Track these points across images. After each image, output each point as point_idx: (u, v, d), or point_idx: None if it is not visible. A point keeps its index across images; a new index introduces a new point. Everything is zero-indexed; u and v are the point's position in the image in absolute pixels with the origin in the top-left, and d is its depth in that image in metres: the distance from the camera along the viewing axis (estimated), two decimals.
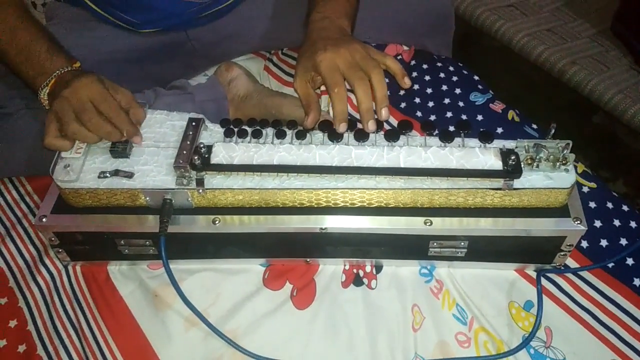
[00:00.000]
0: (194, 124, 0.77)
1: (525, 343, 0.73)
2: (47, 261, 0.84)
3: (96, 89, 0.75)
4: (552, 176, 0.72)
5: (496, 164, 0.70)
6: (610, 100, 1.23)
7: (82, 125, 0.73)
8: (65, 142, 0.75)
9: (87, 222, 0.76)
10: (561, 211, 0.74)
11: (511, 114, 0.98)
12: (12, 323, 0.79)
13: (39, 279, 0.83)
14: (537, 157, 0.71)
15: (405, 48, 1.10)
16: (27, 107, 0.88)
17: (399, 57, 1.09)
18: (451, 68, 1.07)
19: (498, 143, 0.73)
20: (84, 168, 0.74)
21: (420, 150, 0.72)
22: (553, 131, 0.72)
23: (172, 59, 1.04)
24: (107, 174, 0.74)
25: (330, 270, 0.81)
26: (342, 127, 0.73)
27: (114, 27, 0.99)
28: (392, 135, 0.73)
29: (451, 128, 0.75)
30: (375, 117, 0.74)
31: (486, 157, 0.70)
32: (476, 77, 1.06)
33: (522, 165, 0.70)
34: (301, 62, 0.77)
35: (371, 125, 0.73)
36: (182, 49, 1.04)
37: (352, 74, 0.73)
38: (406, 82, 0.77)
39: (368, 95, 0.72)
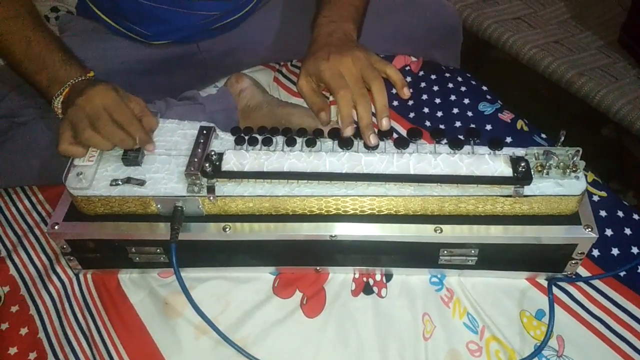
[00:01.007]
0: (205, 132, 0.78)
1: (537, 352, 0.72)
2: (59, 269, 0.85)
3: (110, 97, 0.76)
4: (562, 183, 0.72)
5: (506, 170, 0.70)
6: (619, 111, 1.22)
7: (96, 132, 0.74)
8: (79, 148, 0.75)
9: (99, 230, 0.76)
10: (572, 219, 0.74)
11: (520, 124, 0.98)
12: (23, 331, 0.79)
13: (50, 287, 0.83)
14: (547, 164, 0.71)
15: (414, 59, 1.11)
16: (41, 117, 0.89)
17: (407, 68, 1.09)
18: (459, 78, 1.08)
19: (508, 150, 0.73)
20: (96, 176, 0.75)
21: (430, 157, 0.72)
22: (563, 138, 0.71)
23: (183, 70, 1.06)
24: (119, 182, 0.74)
25: (340, 279, 0.81)
26: (348, 131, 0.73)
27: (126, 38, 1.01)
28: (401, 143, 0.74)
29: (460, 136, 0.75)
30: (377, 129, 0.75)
31: (496, 164, 0.70)
32: (484, 87, 1.06)
33: (532, 173, 0.70)
34: (305, 65, 0.78)
35: (373, 139, 0.73)
36: (192, 60, 1.06)
37: (354, 89, 0.74)
38: (405, 93, 0.78)
39: (368, 112, 0.73)
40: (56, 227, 0.76)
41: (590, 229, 0.72)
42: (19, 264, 0.86)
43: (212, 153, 0.73)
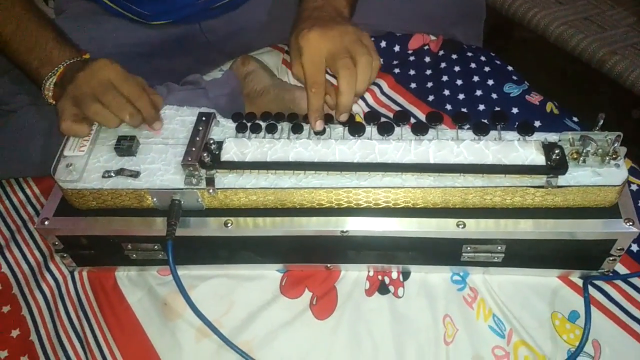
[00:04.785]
0: (204, 119, 0.72)
1: (572, 358, 0.66)
2: (52, 266, 0.80)
3: (116, 70, 0.71)
4: (600, 172, 0.64)
5: (538, 158, 0.63)
6: None
7: (104, 106, 0.69)
8: (83, 126, 0.71)
9: (91, 226, 0.71)
10: (610, 211, 0.67)
11: (550, 106, 0.90)
12: (15, 333, 0.74)
13: (44, 285, 0.78)
14: (584, 151, 0.63)
15: (433, 38, 1.03)
16: (33, 104, 0.84)
17: (426, 48, 1.02)
18: (482, 58, 1.00)
19: (539, 136, 0.66)
20: (87, 167, 0.70)
21: (452, 145, 0.65)
22: (601, 122, 0.64)
23: (185, 53, 1.00)
24: (112, 173, 0.69)
25: (352, 277, 0.76)
26: (318, 125, 0.68)
27: (124, 19, 0.95)
28: (420, 128, 0.67)
29: (485, 120, 0.68)
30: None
31: (527, 151, 0.63)
32: (510, 68, 0.99)
33: (567, 160, 0.63)
34: (292, 46, 0.71)
35: (342, 118, 0.68)
36: (195, 42, 0.99)
37: (338, 60, 0.66)
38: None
39: (351, 89, 0.66)
40: (46, 223, 0.71)
41: (631, 223, 0.65)
42: (12, 261, 0.81)
43: (211, 142, 0.67)
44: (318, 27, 0.68)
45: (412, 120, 0.71)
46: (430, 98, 0.95)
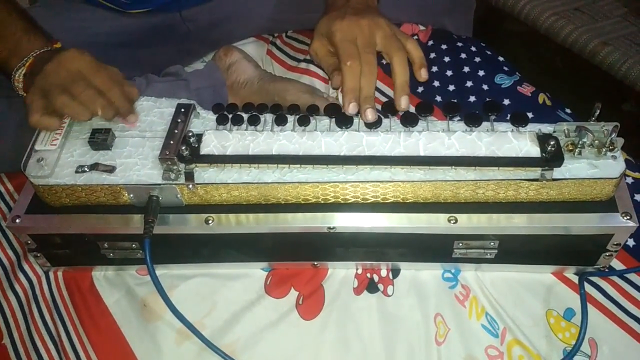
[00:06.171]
0: (183, 110, 0.68)
1: (569, 357, 0.63)
2: (26, 267, 0.76)
3: (86, 60, 0.68)
4: (597, 164, 0.62)
5: (533, 150, 0.60)
6: None
7: (72, 98, 0.66)
8: (53, 119, 0.68)
9: (65, 223, 0.68)
10: (607, 205, 0.65)
11: (542, 97, 0.88)
12: None
13: (17, 286, 0.75)
14: (580, 143, 0.61)
15: (422, 28, 1.01)
16: (4, 96, 0.81)
17: (415, 38, 0.99)
18: (473, 48, 0.97)
19: (533, 127, 0.64)
20: (59, 162, 0.67)
21: (443, 136, 0.62)
22: (598, 112, 0.62)
23: (165, 43, 0.97)
24: (86, 168, 0.66)
25: (340, 275, 0.73)
26: (351, 108, 0.65)
27: (102, 8, 0.92)
28: (409, 120, 0.64)
29: (477, 111, 0.65)
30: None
31: (521, 142, 0.61)
32: (501, 58, 0.96)
33: (563, 152, 0.61)
34: (318, 27, 0.72)
35: (370, 114, 0.65)
36: (176, 32, 0.97)
37: (362, 55, 0.66)
38: (422, 75, 0.72)
39: (372, 83, 0.67)
40: (17, 221, 0.68)
41: (629, 217, 0.63)
42: None
43: (190, 134, 0.64)
44: (351, 16, 0.68)
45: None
46: (420, 89, 0.92)
